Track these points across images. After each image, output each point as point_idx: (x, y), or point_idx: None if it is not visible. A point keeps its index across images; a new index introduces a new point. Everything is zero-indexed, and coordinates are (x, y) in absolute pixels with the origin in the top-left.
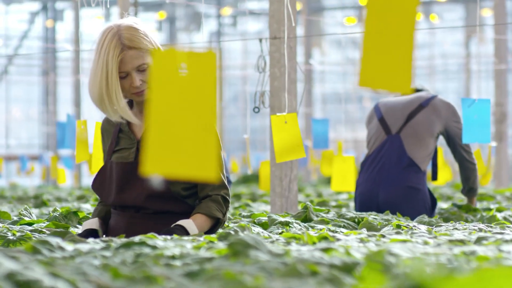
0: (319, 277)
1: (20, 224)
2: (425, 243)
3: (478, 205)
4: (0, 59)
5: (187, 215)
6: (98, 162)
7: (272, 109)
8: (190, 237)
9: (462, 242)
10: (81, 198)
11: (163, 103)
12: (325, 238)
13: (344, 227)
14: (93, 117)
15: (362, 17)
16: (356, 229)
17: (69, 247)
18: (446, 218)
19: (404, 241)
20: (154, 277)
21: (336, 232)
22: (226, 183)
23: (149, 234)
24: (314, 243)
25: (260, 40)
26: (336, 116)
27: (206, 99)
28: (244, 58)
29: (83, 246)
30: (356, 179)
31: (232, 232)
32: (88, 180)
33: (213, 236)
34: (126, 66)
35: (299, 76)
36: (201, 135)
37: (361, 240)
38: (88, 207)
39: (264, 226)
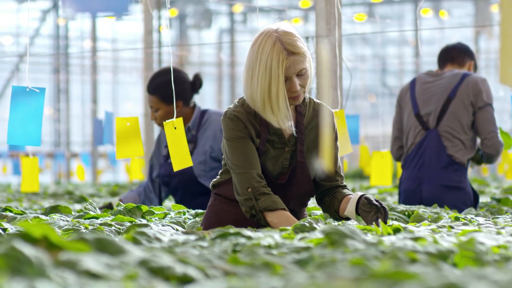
0: (419, 264)
1: (85, 218)
2: (498, 233)
3: None
4: (11, 57)
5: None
6: (181, 159)
7: None
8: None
9: None
10: (115, 194)
11: None
12: (398, 229)
13: (396, 219)
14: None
15: (372, 13)
16: (407, 221)
17: (165, 238)
18: (487, 211)
19: (476, 231)
20: (272, 263)
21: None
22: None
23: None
24: (389, 234)
25: (307, 38)
26: (346, 112)
27: None
28: None
29: (178, 237)
30: (392, 173)
31: (307, 224)
32: (103, 177)
33: (288, 228)
34: (288, 71)
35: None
36: None
37: (433, 231)
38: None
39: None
